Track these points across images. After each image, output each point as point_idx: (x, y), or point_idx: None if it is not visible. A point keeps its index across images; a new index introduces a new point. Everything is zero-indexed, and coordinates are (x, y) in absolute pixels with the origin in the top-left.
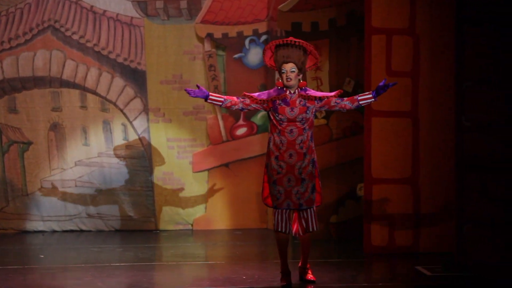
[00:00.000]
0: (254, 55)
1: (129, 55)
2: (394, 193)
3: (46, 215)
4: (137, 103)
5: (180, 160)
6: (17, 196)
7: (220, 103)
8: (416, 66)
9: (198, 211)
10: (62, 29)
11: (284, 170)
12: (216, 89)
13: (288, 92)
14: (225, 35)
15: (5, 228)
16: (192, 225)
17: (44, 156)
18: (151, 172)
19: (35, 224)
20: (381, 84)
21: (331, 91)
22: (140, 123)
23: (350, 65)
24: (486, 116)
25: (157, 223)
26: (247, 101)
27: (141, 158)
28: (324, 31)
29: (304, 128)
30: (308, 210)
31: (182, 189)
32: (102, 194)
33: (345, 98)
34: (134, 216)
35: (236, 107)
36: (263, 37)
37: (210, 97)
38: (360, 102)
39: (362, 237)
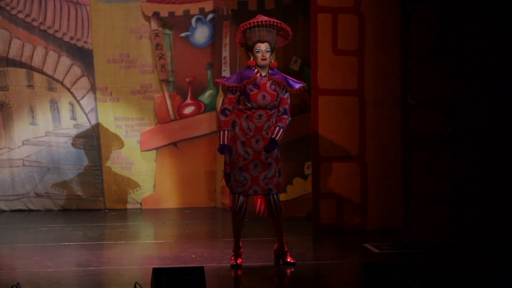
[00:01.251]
0: (200, 34)
1: (76, 34)
2: (342, 171)
3: None
4: (84, 82)
5: (128, 139)
6: None
7: (229, 130)
8: (362, 44)
9: (146, 190)
10: (8, 8)
11: (251, 156)
12: (163, 68)
13: (259, 74)
14: (171, 14)
15: None
16: (140, 204)
17: None
18: (99, 151)
19: None
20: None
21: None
22: (87, 102)
23: (296, 44)
24: (431, 93)
25: (106, 202)
26: (230, 107)
27: (89, 137)
28: (270, 9)
29: (272, 114)
30: (275, 194)
31: (130, 168)
32: (50, 173)
33: (282, 116)
34: (82, 195)
35: (231, 115)
36: (210, 16)
37: (227, 143)
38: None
39: (311, 215)
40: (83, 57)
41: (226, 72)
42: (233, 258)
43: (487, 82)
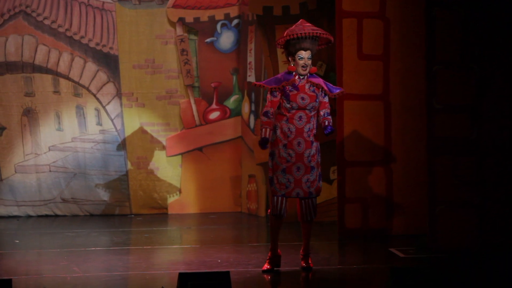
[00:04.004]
0: (226, 39)
1: (101, 40)
2: (367, 176)
3: (21, 200)
4: (110, 88)
5: (154, 145)
6: None
7: (271, 129)
8: (387, 49)
9: (172, 195)
10: (34, 14)
11: (294, 159)
12: (188, 73)
13: (297, 77)
14: (196, 20)
15: None
16: (166, 209)
17: (18, 141)
18: (125, 156)
19: (9, 209)
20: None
21: None
22: (113, 108)
23: (321, 49)
24: (456, 98)
25: (132, 207)
26: (271, 110)
27: (115, 142)
28: (295, 14)
29: (311, 116)
30: (314, 198)
31: (156, 174)
32: (76, 179)
33: (327, 117)
34: (108, 200)
35: (273, 119)
36: (235, 21)
37: (269, 138)
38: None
39: (336, 219)
40: (109, 63)
41: (251, 78)
42: (267, 262)
43: (511, 87)
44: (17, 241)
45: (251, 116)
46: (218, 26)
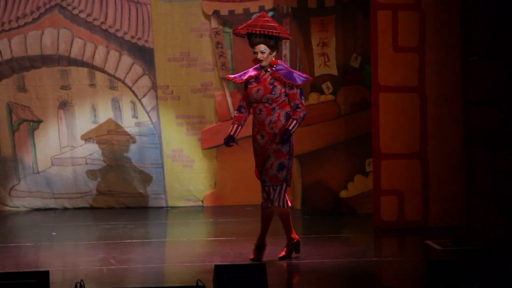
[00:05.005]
0: None
1: (137, 32)
2: (403, 168)
3: (57, 192)
4: (146, 81)
5: (189, 137)
6: (28, 174)
7: (240, 125)
8: (423, 41)
9: (208, 188)
10: (69, 8)
11: (259, 152)
12: (223, 66)
13: (262, 69)
14: (231, 12)
15: (17, 206)
16: (202, 201)
17: (54, 134)
18: (160, 149)
19: (46, 202)
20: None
21: (338, 67)
22: (148, 101)
23: (356, 41)
24: (493, 90)
25: (168, 200)
26: (244, 103)
27: (150, 135)
28: (330, 7)
29: (273, 108)
30: (270, 187)
31: (191, 166)
32: (112, 172)
33: (296, 111)
34: (144, 193)
35: (247, 112)
36: (269, 14)
37: (234, 135)
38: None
39: (372, 212)
40: (144, 55)
41: None
42: (253, 251)
43: None
44: (54, 233)
45: None
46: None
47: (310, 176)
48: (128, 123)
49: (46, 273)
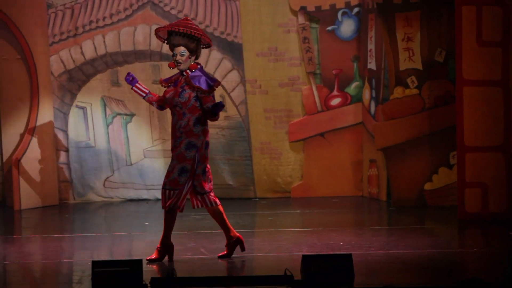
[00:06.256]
0: (346, 27)
1: (226, 28)
2: (487, 161)
3: (150, 183)
4: (235, 75)
5: (277, 130)
6: (121, 166)
7: (144, 95)
8: (507, 36)
9: (295, 180)
10: (161, 4)
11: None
12: (310, 61)
13: (182, 74)
14: (318, 8)
15: (111, 196)
16: (289, 192)
17: (146, 127)
18: (249, 142)
19: (139, 193)
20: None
21: (422, 62)
22: (237, 95)
23: (441, 36)
24: None
25: (256, 191)
26: (156, 96)
27: (239, 128)
28: (415, 2)
29: (183, 113)
30: (168, 190)
31: (279, 158)
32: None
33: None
34: (233, 184)
35: (155, 104)
36: (355, 10)
37: (136, 85)
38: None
39: (456, 203)
40: (233, 51)
41: (371, 65)
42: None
43: None
44: (147, 223)
45: (371, 103)
46: (339, 15)
47: (395, 169)
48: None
49: (139, 261)
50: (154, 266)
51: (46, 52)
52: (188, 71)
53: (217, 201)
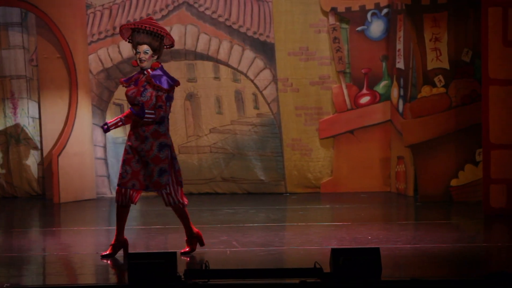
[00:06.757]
0: (376, 28)
1: (259, 28)
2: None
3: (184, 179)
4: (267, 74)
5: (307, 127)
6: None
7: (120, 121)
8: None
9: (325, 175)
10: (196, 5)
11: (132, 152)
12: (340, 60)
13: (142, 72)
14: (348, 9)
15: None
16: (319, 188)
17: (181, 124)
18: (280, 138)
19: None
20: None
21: (449, 62)
22: (269, 93)
23: (467, 36)
24: None
25: (287, 186)
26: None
27: (271, 125)
28: (442, 3)
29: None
30: (163, 191)
31: (309, 155)
32: (235, 159)
33: (157, 109)
34: (265, 180)
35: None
36: (384, 10)
37: (110, 126)
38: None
39: (481, 199)
40: (266, 50)
41: (400, 64)
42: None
43: None
44: None
45: (399, 101)
46: (369, 15)
47: (422, 165)
48: (250, 114)
49: (174, 254)
50: (188, 258)
51: (85, 51)
52: (149, 70)
53: (186, 200)
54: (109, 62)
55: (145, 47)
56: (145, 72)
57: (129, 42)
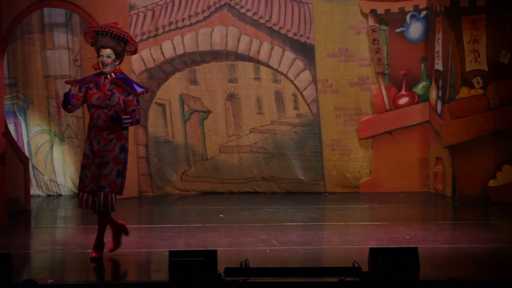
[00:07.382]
0: (415, 29)
1: (299, 30)
2: None
3: (225, 178)
4: (307, 75)
5: (347, 128)
6: (198, 160)
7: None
8: None
9: (363, 175)
10: (237, 7)
11: (93, 156)
12: (379, 61)
13: (102, 76)
14: (387, 11)
15: (188, 189)
16: (358, 188)
17: (222, 123)
18: (319, 139)
19: (214, 186)
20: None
21: (488, 63)
22: (309, 93)
23: (505, 38)
24: None
25: (326, 186)
26: (74, 101)
27: (311, 125)
28: (481, 6)
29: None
30: (108, 193)
31: (348, 155)
32: (275, 159)
33: (131, 113)
34: (304, 179)
35: (74, 107)
36: (423, 12)
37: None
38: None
39: None
40: (306, 51)
41: (438, 65)
42: (92, 250)
43: None
44: (221, 215)
45: (438, 102)
46: (408, 17)
47: (460, 166)
48: (290, 114)
49: (214, 252)
50: (227, 256)
51: None
52: (112, 74)
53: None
54: (152, 63)
55: (108, 51)
56: (108, 76)
57: (92, 45)
